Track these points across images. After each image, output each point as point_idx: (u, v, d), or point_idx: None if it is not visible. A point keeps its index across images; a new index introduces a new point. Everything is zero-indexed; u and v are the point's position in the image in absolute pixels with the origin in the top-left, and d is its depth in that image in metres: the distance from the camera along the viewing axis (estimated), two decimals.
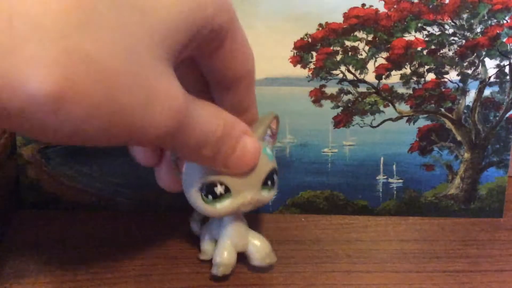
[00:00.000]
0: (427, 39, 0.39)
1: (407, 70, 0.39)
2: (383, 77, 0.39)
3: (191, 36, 0.25)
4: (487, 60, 0.39)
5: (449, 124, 0.40)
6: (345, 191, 0.41)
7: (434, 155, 0.41)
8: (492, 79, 0.39)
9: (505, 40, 0.39)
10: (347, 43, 0.39)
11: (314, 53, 0.39)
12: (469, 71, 0.39)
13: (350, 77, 0.39)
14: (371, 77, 0.39)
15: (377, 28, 0.38)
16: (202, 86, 0.30)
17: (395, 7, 0.38)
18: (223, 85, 0.30)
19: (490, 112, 0.40)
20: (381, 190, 0.42)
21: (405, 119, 0.40)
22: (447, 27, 0.38)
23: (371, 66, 0.39)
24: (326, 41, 0.39)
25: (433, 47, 0.39)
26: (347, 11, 0.38)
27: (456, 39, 0.39)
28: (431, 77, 0.39)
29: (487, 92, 0.40)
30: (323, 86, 0.39)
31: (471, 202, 0.42)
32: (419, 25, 0.38)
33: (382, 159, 0.41)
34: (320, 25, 0.38)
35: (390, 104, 0.40)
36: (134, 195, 0.41)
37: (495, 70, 0.39)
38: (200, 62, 0.29)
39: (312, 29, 0.38)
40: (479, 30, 0.38)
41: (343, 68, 0.39)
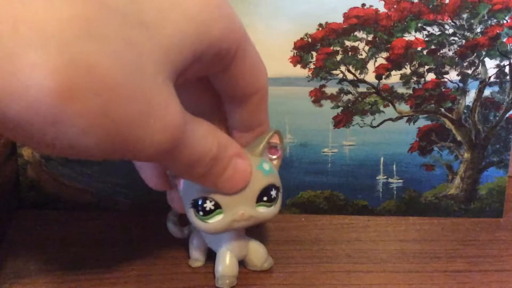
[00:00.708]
0: (427, 39, 0.39)
1: (407, 70, 0.39)
2: (383, 77, 0.39)
3: (196, 56, 0.25)
4: (487, 60, 0.39)
5: (449, 124, 0.40)
6: (345, 191, 0.41)
7: (434, 155, 0.41)
8: (492, 79, 0.39)
9: (505, 40, 0.39)
10: (347, 43, 0.39)
11: (314, 53, 0.39)
12: (469, 71, 0.39)
13: (350, 77, 0.39)
14: (371, 77, 0.39)
15: (377, 28, 0.38)
16: (217, 100, 0.31)
17: (395, 7, 0.38)
18: (234, 101, 0.30)
19: (490, 112, 0.40)
20: (381, 190, 0.42)
21: (405, 119, 0.40)
22: (447, 27, 0.38)
23: (371, 66, 0.39)
24: (326, 41, 0.39)
25: (433, 47, 0.39)
26: (347, 11, 0.38)
27: (456, 39, 0.39)
28: (431, 77, 0.39)
29: (487, 92, 0.40)
30: (323, 86, 0.39)
31: (471, 202, 0.42)
32: (419, 25, 0.38)
33: (382, 159, 0.41)
34: (320, 25, 0.38)
35: (390, 104, 0.40)
36: (134, 195, 0.41)
37: (495, 70, 0.39)
38: (209, 79, 0.29)
39: (312, 29, 0.38)
40: (479, 30, 0.38)
41: (343, 68, 0.39)
